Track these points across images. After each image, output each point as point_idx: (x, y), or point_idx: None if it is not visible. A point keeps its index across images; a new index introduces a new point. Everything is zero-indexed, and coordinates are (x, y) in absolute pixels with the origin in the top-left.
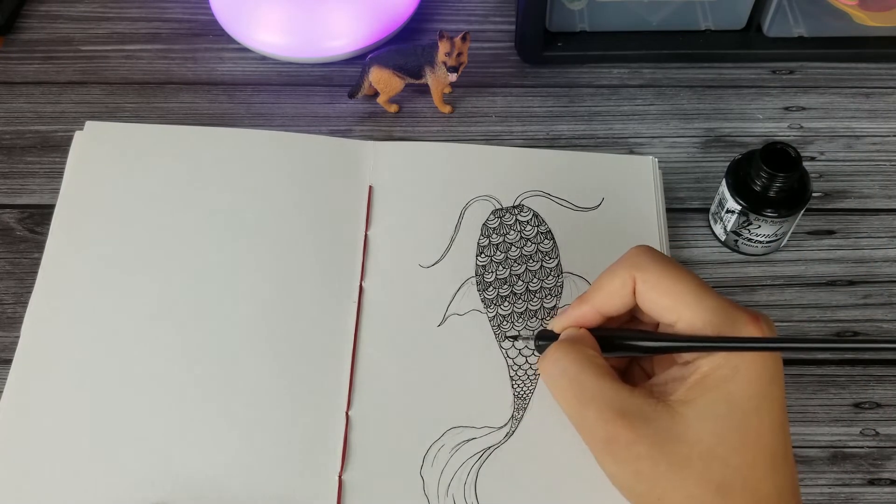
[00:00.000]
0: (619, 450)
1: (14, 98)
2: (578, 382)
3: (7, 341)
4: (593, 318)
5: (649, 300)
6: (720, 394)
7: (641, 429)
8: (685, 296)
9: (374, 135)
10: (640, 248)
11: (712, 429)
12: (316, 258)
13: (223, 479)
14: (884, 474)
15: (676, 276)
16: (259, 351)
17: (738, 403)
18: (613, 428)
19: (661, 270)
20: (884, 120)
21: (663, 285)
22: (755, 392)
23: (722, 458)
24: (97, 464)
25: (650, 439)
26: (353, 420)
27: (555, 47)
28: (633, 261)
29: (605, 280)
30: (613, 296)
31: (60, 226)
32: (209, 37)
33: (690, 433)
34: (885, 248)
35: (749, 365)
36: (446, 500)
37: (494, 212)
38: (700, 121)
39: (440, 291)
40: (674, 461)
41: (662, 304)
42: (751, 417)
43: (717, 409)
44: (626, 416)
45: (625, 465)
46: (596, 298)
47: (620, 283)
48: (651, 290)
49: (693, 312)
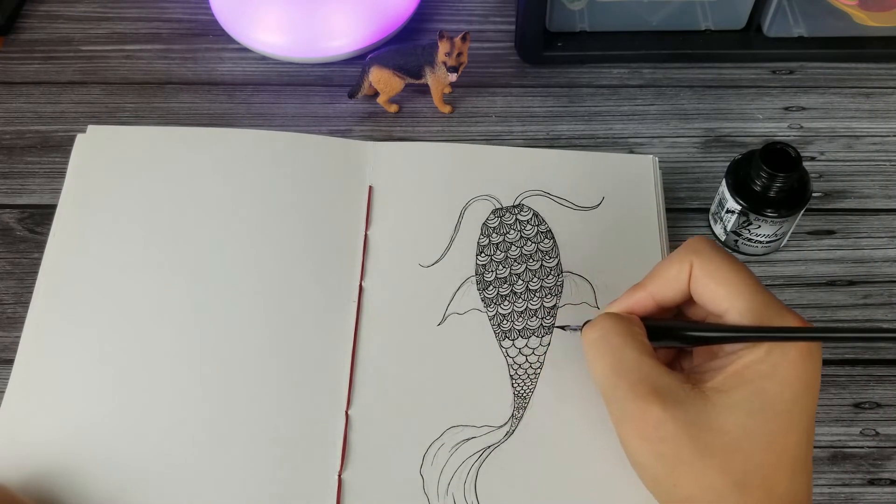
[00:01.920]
0: (647, 427)
1: (14, 98)
2: (618, 352)
3: (7, 341)
4: (647, 304)
5: (704, 286)
6: (755, 388)
7: (672, 409)
8: (741, 286)
9: (374, 135)
10: (698, 238)
11: (741, 422)
12: (316, 258)
13: (223, 478)
14: (884, 474)
15: (733, 267)
16: (259, 350)
17: (772, 402)
18: (644, 403)
19: (719, 259)
20: (884, 120)
21: (720, 273)
22: (790, 395)
23: (745, 453)
24: (97, 463)
25: (679, 422)
26: (353, 419)
27: (555, 47)
28: (692, 248)
29: (662, 267)
30: (670, 282)
31: (62, 227)
32: (209, 37)
33: (719, 423)
34: (885, 248)
35: (789, 367)
36: (446, 498)
37: (494, 211)
38: (700, 121)
39: (440, 291)
40: (698, 448)
41: (718, 293)
42: (781, 419)
43: (750, 404)
44: (660, 394)
45: (649, 445)
46: (652, 284)
47: (678, 270)
48: (707, 276)
49: (746, 303)
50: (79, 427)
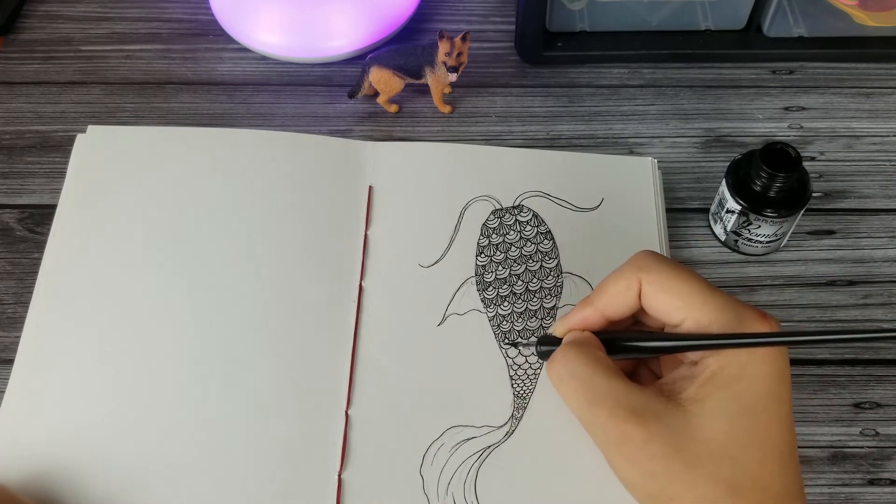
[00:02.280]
0: (633, 449)
1: (14, 98)
2: (589, 383)
3: (7, 341)
4: (597, 321)
5: (656, 301)
6: (730, 392)
7: (654, 427)
8: (693, 295)
9: (374, 135)
10: (644, 252)
11: (723, 427)
12: (316, 258)
13: (223, 478)
14: (884, 474)
15: (683, 277)
16: (259, 350)
17: (748, 402)
18: (626, 427)
19: (668, 272)
20: (884, 120)
21: (670, 286)
22: (764, 391)
23: (732, 457)
24: (97, 463)
25: (663, 438)
26: (353, 419)
27: (555, 47)
28: (638, 264)
29: (609, 283)
30: (618, 298)
31: (62, 227)
32: (209, 37)
33: (702, 431)
34: (885, 248)
35: (758, 364)
36: (446, 498)
37: (494, 212)
38: (700, 121)
39: (440, 291)
40: (687, 460)
41: (670, 304)
42: (760, 416)
43: (728, 408)
44: (639, 414)
45: (638, 466)
46: (600, 301)
47: (625, 286)
48: (658, 290)
49: (701, 311)
50: (79, 427)
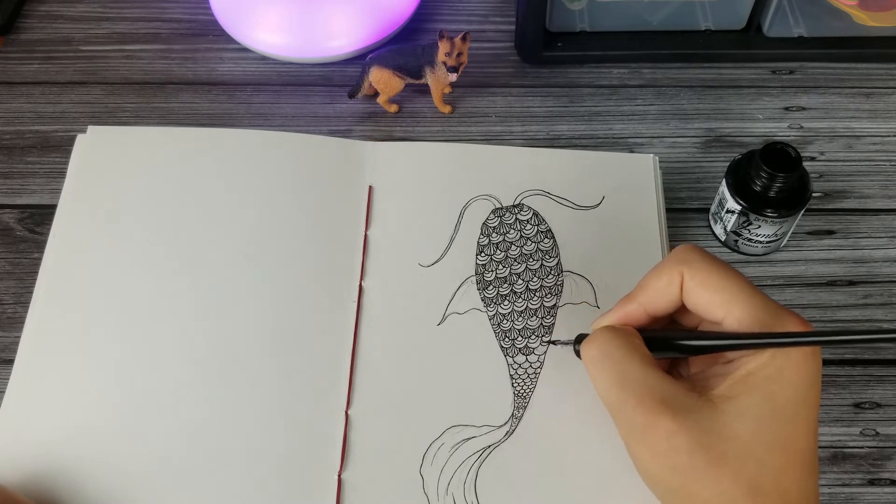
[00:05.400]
0: (658, 440)
1: (14, 98)
2: (622, 367)
3: (7, 341)
4: (639, 316)
5: (698, 296)
6: (763, 393)
7: (683, 419)
8: (735, 292)
9: (374, 135)
10: (687, 246)
11: (752, 428)
12: (316, 258)
13: (223, 478)
14: (884, 474)
15: (726, 273)
16: (259, 350)
17: (780, 405)
18: (654, 416)
19: (710, 267)
20: (884, 120)
21: (713, 281)
22: (797, 395)
23: (757, 459)
24: (97, 463)
25: (691, 432)
26: (353, 419)
27: (555, 47)
28: (680, 257)
29: (651, 278)
30: (661, 293)
31: (62, 227)
32: (209, 37)
33: (730, 429)
34: (885, 248)
35: (793, 368)
36: (446, 498)
37: (494, 211)
38: (700, 121)
39: (440, 290)
40: (712, 457)
41: (712, 301)
42: (790, 422)
43: (759, 409)
44: (669, 405)
45: (661, 457)
46: (642, 296)
47: (668, 281)
48: (700, 286)
49: (743, 309)
50: (79, 427)
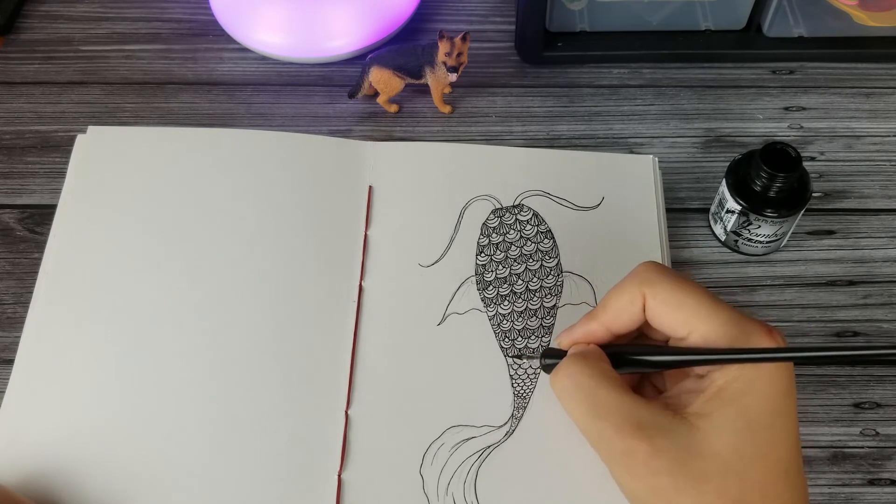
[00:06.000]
0: (637, 464)
1: (14, 98)
2: (594, 396)
3: (7, 341)
4: (602, 335)
5: (661, 314)
6: (737, 407)
7: (660, 442)
8: (698, 308)
9: (374, 135)
10: (647, 265)
11: (730, 442)
12: (316, 258)
13: (223, 478)
14: (884, 474)
15: (688, 290)
16: (259, 350)
17: (755, 417)
18: (631, 441)
19: (672, 285)
20: (884, 120)
21: (675, 299)
22: (771, 406)
23: (739, 473)
24: (98, 463)
25: (669, 453)
26: (353, 419)
27: (555, 47)
28: (641, 277)
29: (613, 297)
30: (623, 312)
31: (62, 227)
32: (209, 37)
33: (708, 447)
34: (885, 248)
35: (764, 378)
36: (446, 498)
37: (494, 211)
38: (700, 121)
39: (440, 291)
40: (693, 476)
41: (675, 318)
42: (767, 431)
43: (735, 423)
44: (644, 428)
45: (643, 481)
46: (605, 315)
47: (629, 300)
48: (662, 304)
49: (707, 325)
50: (79, 427)
